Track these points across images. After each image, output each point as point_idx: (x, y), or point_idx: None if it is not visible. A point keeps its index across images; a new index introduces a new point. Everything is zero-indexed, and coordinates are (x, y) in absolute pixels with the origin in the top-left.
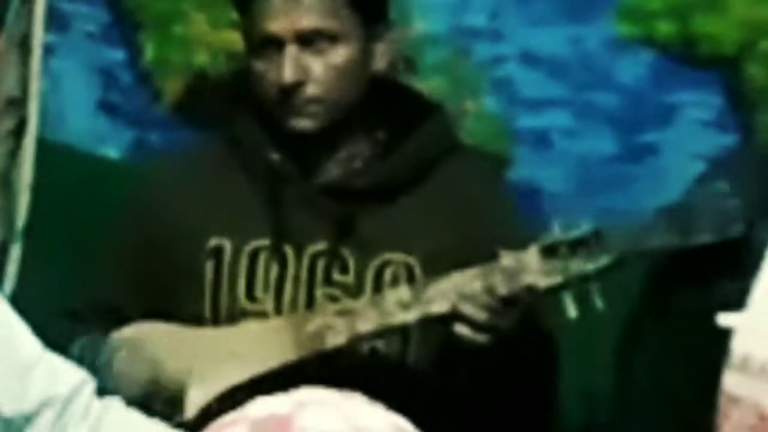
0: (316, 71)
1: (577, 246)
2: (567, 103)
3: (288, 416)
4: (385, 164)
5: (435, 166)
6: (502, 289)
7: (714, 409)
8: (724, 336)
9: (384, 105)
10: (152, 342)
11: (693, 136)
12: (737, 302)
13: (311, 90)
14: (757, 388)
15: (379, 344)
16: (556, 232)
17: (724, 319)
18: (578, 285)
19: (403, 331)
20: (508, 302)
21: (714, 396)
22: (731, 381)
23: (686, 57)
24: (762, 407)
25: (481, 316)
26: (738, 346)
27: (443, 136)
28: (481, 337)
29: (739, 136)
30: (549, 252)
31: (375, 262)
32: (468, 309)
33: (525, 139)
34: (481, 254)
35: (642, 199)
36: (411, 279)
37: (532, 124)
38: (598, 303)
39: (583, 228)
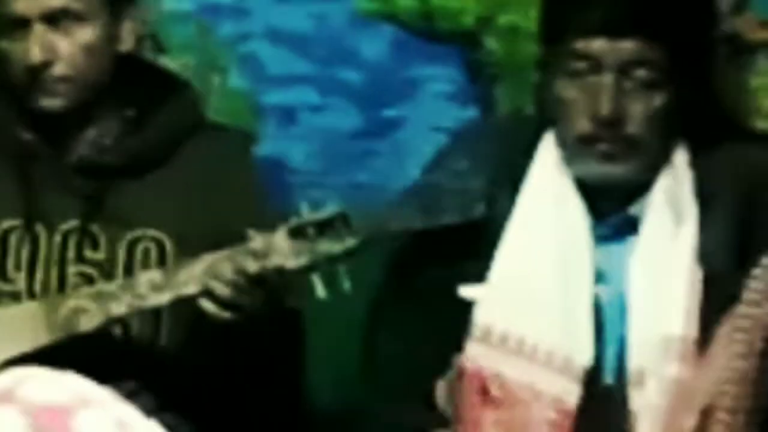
0: (63, 50)
1: (324, 228)
2: (312, 79)
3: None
4: (134, 141)
5: (183, 143)
6: (252, 270)
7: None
8: (466, 312)
9: (132, 83)
10: None
11: (434, 109)
12: (479, 279)
13: (59, 69)
14: (498, 358)
15: (132, 325)
16: (304, 214)
17: (465, 291)
18: (326, 266)
19: (155, 312)
20: (256, 282)
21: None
22: (473, 352)
23: (427, 32)
24: (502, 377)
25: (227, 293)
26: (480, 318)
27: (190, 113)
28: (226, 314)
29: (478, 109)
30: (297, 233)
31: (126, 239)
32: (215, 286)
33: (271, 116)
34: (230, 230)
35: (386, 173)
36: (162, 255)
37: (278, 101)
38: (346, 283)
39: (330, 210)
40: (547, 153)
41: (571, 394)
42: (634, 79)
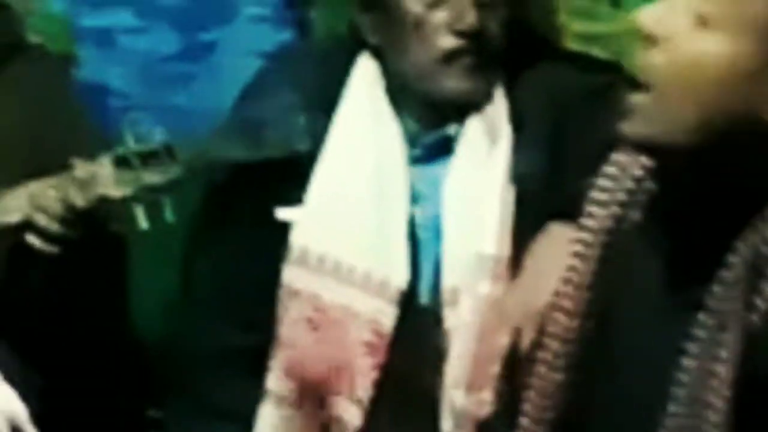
0: None
1: (148, 158)
2: (129, 1)
3: None
4: None
5: (2, 66)
6: (77, 200)
7: (275, 304)
8: (284, 235)
9: None
10: None
11: (250, 33)
12: (298, 204)
13: None
14: (314, 280)
15: None
16: (129, 144)
17: (282, 213)
18: (149, 196)
19: None
20: (81, 213)
21: (275, 292)
22: (291, 275)
23: None
24: (318, 299)
25: (53, 227)
26: (296, 241)
27: (9, 36)
28: (51, 248)
29: (294, 33)
30: (121, 163)
31: None
32: (41, 220)
33: (89, 38)
34: (52, 154)
35: (202, 96)
36: None
37: (95, 23)
38: (169, 214)
39: (156, 140)
40: (363, 75)
41: (387, 315)
42: None
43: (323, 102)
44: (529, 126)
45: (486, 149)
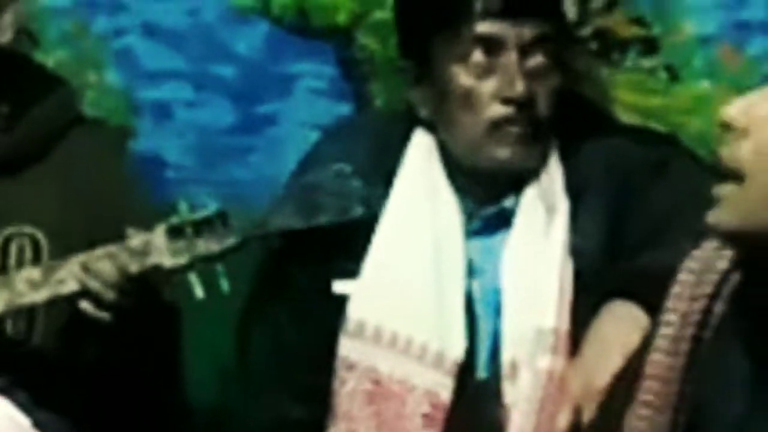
0: None
1: (203, 227)
2: (187, 74)
3: None
4: (7, 137)
5: (58, 139)
6: (131, 269)
7: (331, 376)
8: (341, 308)
9: (6, 78)
10: None
11: (308, 105)
12: (354, 276)
13: None
14: (371, 352)
15: (6, 324)
16: (183, 212)
17: (338, 286)
18: (204, 266)
19: (29, 310)
20: (135, 281)
21: (331, 363)
22: (347, 346)
23: (300, 28)
24: (375, 371)
25: (108, 294)
26: (353, 313)
27: (66, 109)
28: (104, 315)
29: (353, 105)
30: (175, 232)
31: (1, 235)
32: (95, 286)
33: (147, 111)
34: (107, 227)
35: (261, 169)
36: (37, 252)
37: (153, 96)
38: (224, 284)
39: (209, 209)
40: (419, 148)
41: (445, 387)
42: (534, 60)
43: (379, 174)
44: (587, 198)
45: (543, 221)
